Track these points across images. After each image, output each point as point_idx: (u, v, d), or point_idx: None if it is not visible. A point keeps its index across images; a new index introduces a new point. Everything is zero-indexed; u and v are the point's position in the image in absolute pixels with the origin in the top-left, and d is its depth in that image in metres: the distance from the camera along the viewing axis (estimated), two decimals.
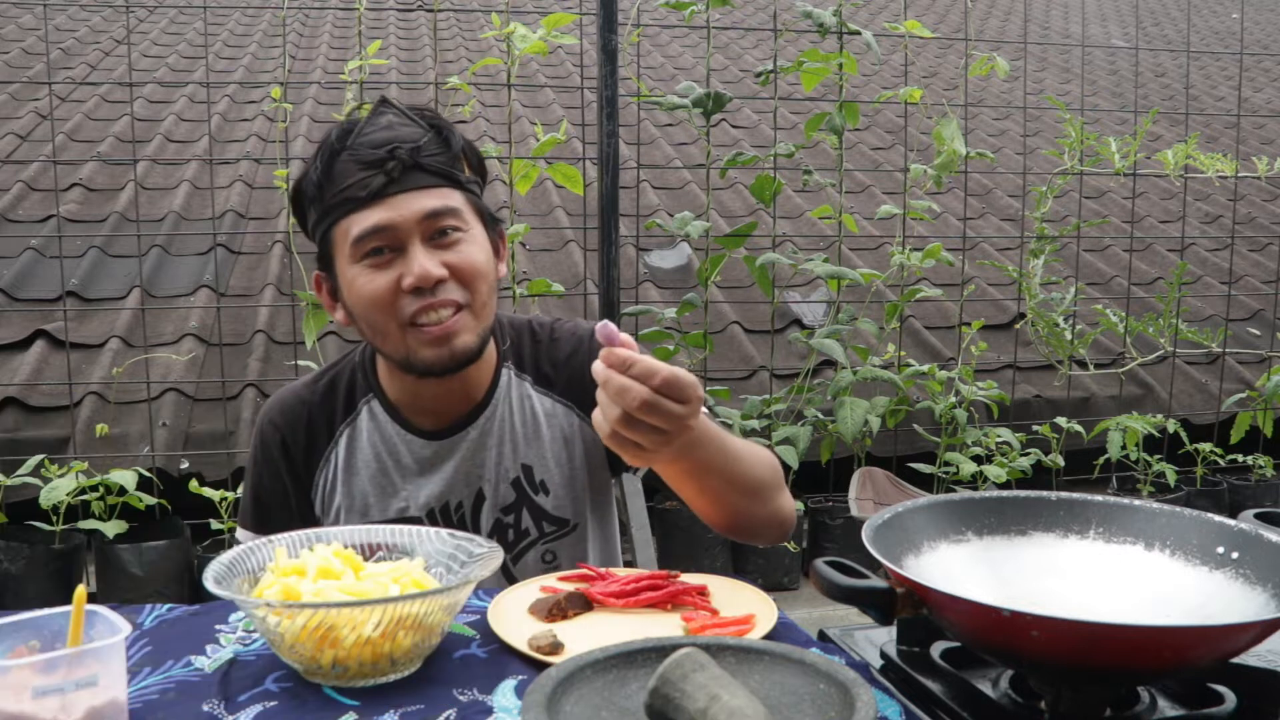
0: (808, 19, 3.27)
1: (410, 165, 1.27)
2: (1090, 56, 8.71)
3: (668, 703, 0.82)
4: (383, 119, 1.30)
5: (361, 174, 1.27)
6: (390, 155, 1.26)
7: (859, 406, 3.21)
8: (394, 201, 1.27)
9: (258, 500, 1.43)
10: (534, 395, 1.44)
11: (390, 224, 1.27)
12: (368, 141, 1.28)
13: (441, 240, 1.29)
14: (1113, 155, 3.74)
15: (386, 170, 1.26)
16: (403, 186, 1.27)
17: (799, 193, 5.09)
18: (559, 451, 1.43)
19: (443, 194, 1.30)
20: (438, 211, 1.28)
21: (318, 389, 1.44)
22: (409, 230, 1.27)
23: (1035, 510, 1.12)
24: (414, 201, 1.27)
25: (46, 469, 2.88)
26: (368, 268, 1.28)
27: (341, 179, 1.28)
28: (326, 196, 1.29)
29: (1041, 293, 3.57)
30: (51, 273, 3.79)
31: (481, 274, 1.31)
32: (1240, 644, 0.88)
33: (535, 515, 1.42)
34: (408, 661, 1.01)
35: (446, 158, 1.31)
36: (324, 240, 1.33)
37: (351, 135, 1.29)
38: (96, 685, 0.87)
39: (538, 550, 1.43)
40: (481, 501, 1.41)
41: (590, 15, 3.13)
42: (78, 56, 6.49)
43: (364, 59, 3.00)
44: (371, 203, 1.27)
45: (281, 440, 1.42)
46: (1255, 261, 5.22)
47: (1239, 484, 3.79)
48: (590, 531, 1.46)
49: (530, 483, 1.42)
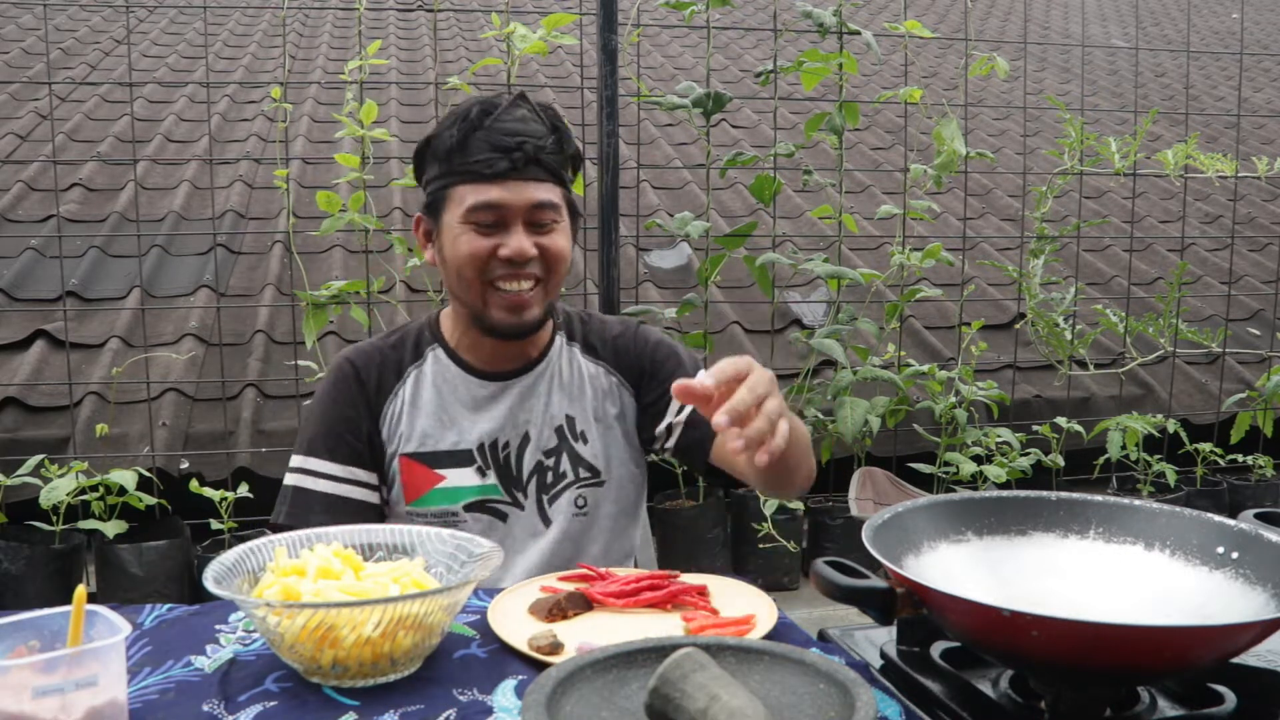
0: (808, 19, 3.27)
1: (531, 158, 1.47)
2: (1090, 56, 8.71)
3: (668, 703, 0.82)
4: (518, 111, 1.49)
5: (491, 154, 1.46)
6: (519, 146, 1.46)
7: (859, 406, 3.20)
8: (511, 185, 1.46)
9: (330, 430, 1.55)
10: (581, 359, 1.63)
11: (504, 204, 1.46)
12: (503, 128, 1.46)
13: (539, 226, 1.49)
14: (1113, 155, 3.74)
15: (512, 158, 1.46)
16: (521, 175, 1.47)
17: (799, 193, 5.09)
18: (598, 408, 1.60)
19: (550, 189, 1.50)
20: (543, 204, 1.48)
21: (389, 341, 1.63)
22: (516, 213, 1.47)
23: (1035, 510, 1.12)
24: (527, 190, 1.47)
25: (46, 469, 2.88)
26: (473, 231, 1.47)
27: (473, 152, 1.47)
28: (454, 161, 1.48)
29: (1041, 293, 3.56)
30: (51, 273, 3.79)
31: (563, 260, 1.53)
32: (1240, 644, 0.88)
33: (573, 460, 1.58)
34: (408, 661, 1.01)
35: (560, 159, 1.52)
36: (438, 194, 1.51)
37: (490, 117, 1.47)
38: (96, 685, 0.87)
39: (571, 494, 1.58)
40: (527, 443, 1.57)
41: (590, 15, 3.13)
42: (78, 56, 6.48)
43: (364, 59, 3.00)
44: (492, 180, 1.46)
45: (356, 374, 1.58)
46: (1255, 261, 5.22)
47: (1239, 484, 3.79)
48: (617, 490, 1.60)
49: (572, 431, 1.59)
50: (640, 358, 1.62)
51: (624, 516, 1.61)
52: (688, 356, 1.63)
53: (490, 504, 1.55)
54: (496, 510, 1.55)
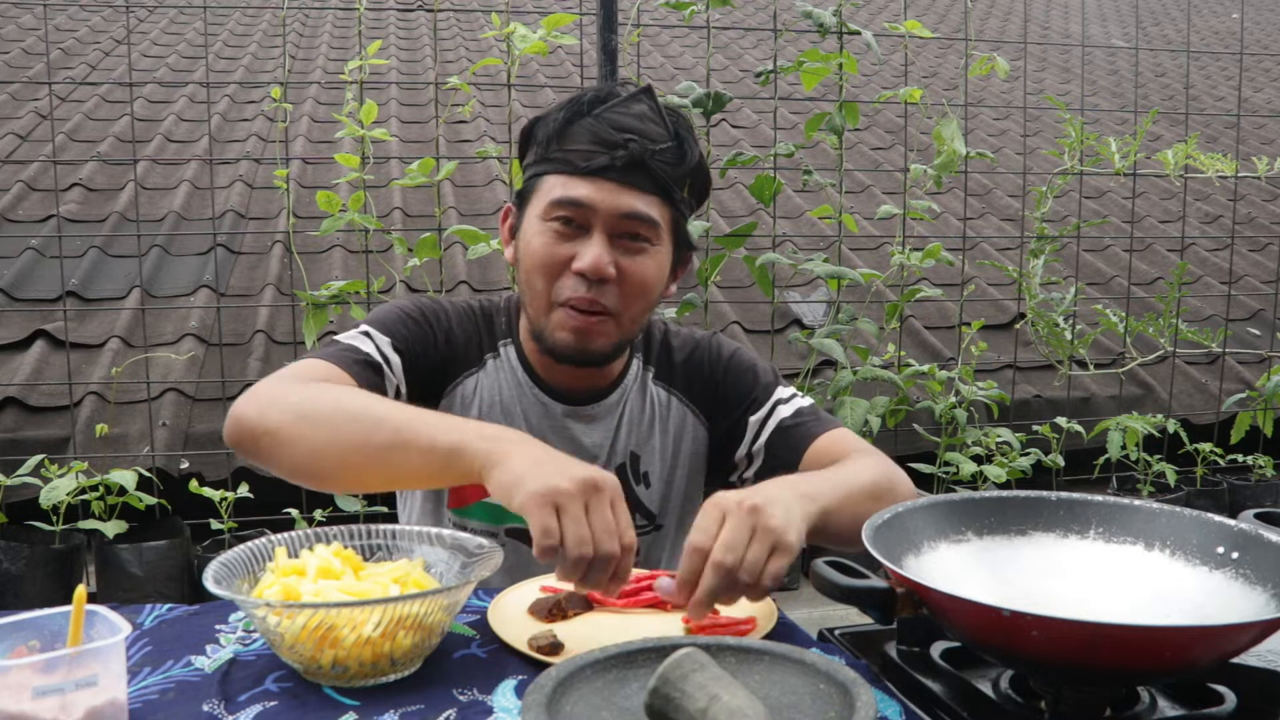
0: (808, 19, 3.27)
1: (636, 161, 1.28)
2: (1090, 56, 8.71)
3: (668, 703, 0.82)
4: (638, 105, 1.31)
5: (591, 146, 1.28)
6: (624, 144, 1.27)
7: (859, 406, 3.20)
8: (604, 186, 1.28)
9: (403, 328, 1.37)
10: (653, 388, 1.47)
11: (590, 204, 1.28)
12: (612, 120, 1.29)
13: (627, 242, 1.31)
14: (1113, 155, 3.74)
15: (614, 155, 1.27)
16: (620, 177, 1.28)
17: (799, 193, 5.09)
18: (666, 446, 1.45)
19: (651, 202, 1.31)
20: (637, 215, 1.30)
21: (478, 313, 1.45)
22: (603, 218, 1.29)
23: (1035, 510, 1.12)
24: (622, 196, 1.29)
25: (46, 469, 2.88)
26: (552, 230, 1.30)
27: (572, 140, 1.29)
28: (551, 148, 1.31)
29: (1041, 293, 3.56)
30: (51, 273, 3.79)
31: (645, 292, 1.33)
32: (1240, 644, 0.88)
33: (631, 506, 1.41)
34: (408, 661, 1.01)
35: (674, 171, 1.32)
36: (530, 181, 1.35)
37: (602, 105, 1.30)
38: (96, 685, 0.87)
39: None
40: None
41: (590, 15, 3.13)
42: (78, 56, 6.48)
43: (364, 59, 3.00)
44: (585, 176, 1.28)
45: (449, 327, 1.41)
46: (1255, 261, 5.22)
47: (1239, 484, 3.79)
48: (670, 537, 1.47)
49: (635, 471, 1.44)
50: (711, 382, 1.46)
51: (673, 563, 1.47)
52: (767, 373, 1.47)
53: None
54: None
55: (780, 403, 1.45)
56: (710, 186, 1.41)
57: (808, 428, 1.42)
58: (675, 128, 1.32)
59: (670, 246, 1.36)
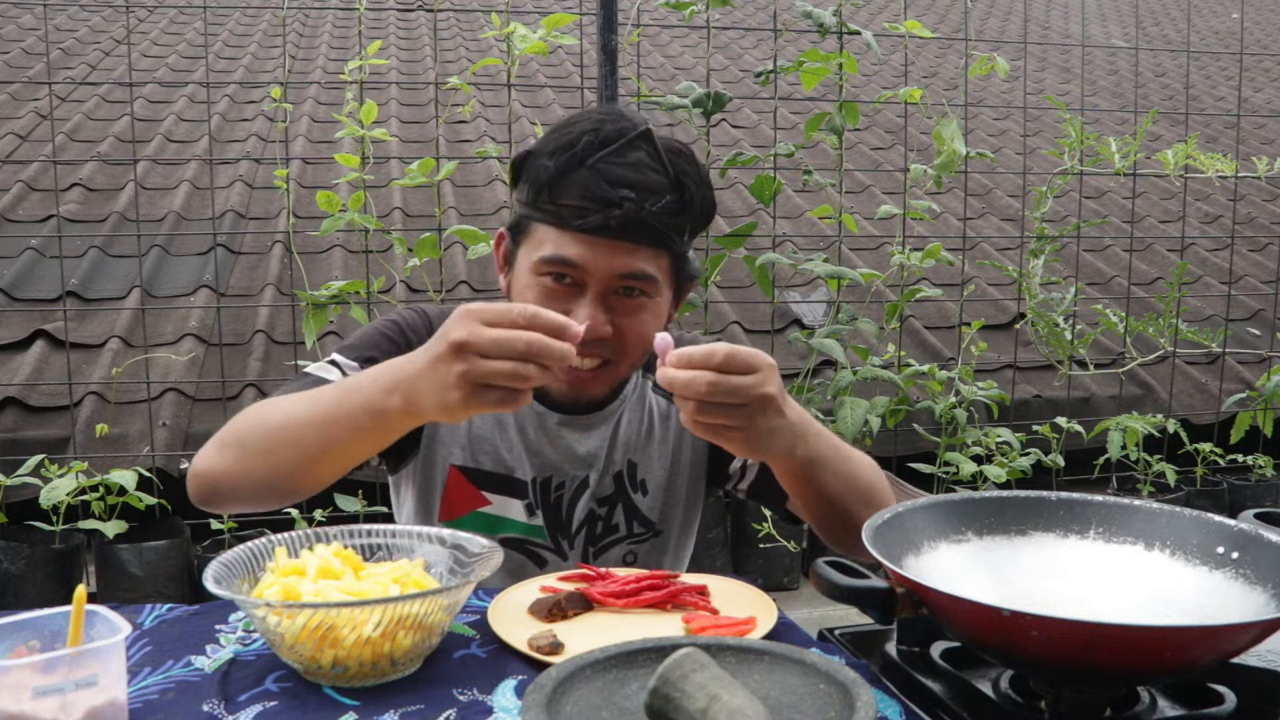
0: (808, 19, 3.27)
1: (633, 219, 1.22)
2: (1090, 56, 8.71)
3: (668, 703, 0.82)
4: (635, 153, 1.24)
5: (584, 202, 1.22)
6: (620, 202, 1.21)
7: (859, 406, 3.20)
8: (599, 246, 1.23)
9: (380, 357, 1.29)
10: (653, 396, 1.46)
11: (583, 266, 1.24)
12: (608, 174, 1.22)
13: (625, 297, 1.27)
14: (1113, 155, 3.74)
15: (609, 215, 1.21)
16: (616, 236, 1.23)
17: (799, 193, 5.09)
18: (664, 455, 1.45)
19: (649, 257, 1.26)
20: (635, 275, 1.26)
21: None
22: (598, 280, 1.25)
23: (1035, 510, 1.12)
24: (617, 256, 1.24)
25: (46, 469, 2.88)
26: (544, 284, 1.26)
27: (564, 193, 1.24)
28: (541, 198, 1.26)
29: (1041, 293, 3.56)
30: (51, 273, 3.79)
31: (643, 343, 1.30)
32: (1240, 644, 0.88)
33: (629, 513, 1.44)
34: (408, 661, 1.01)
35: (674, 222, 1.26)
36: (521, 220, 1.31)
37: (598, 153, 1.23)
38: (96, 685, 0.87)
39: (621, 548, 1.45)
40: (584, 489, 1.42)
41: (590, 15, 3.13)
42: (78, 56, 6.48)
43: (364, 59, 3.00)
44: (578, 234, 1.23)
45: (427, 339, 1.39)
46: (1255, 261, 5.22)
47: (1239, 484, 3.79)
48: (672, 542, 1.48)
49: (632, 480, 1.43)
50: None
51: (675, 567, 1.49)
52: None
53: (531, 546, 1.41)
54: (535, 554, 1.42)
55: None
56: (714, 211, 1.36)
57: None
58: (676, 174, 1.26)
59: (670, 290, 1.33)
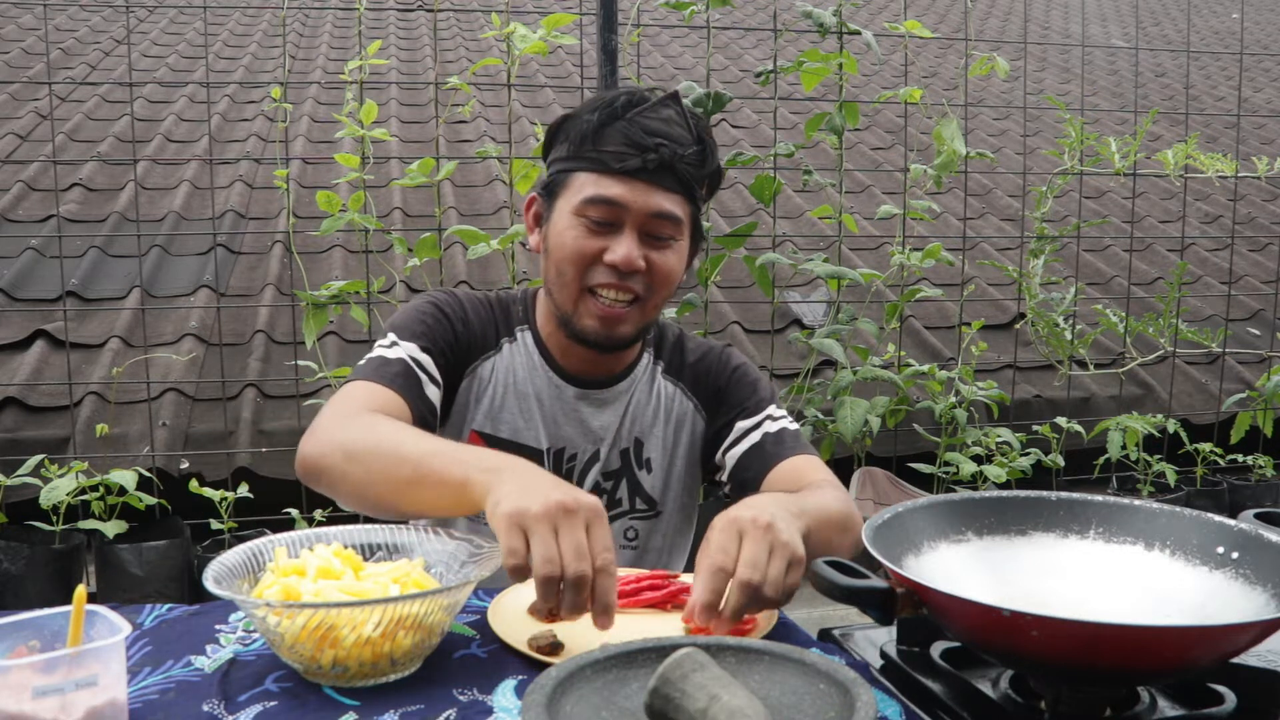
0: (808, 19, 3.27)
1: (666, 163, 1.36)
2: (1090, 56, 8.71)
3: (668, 703, 0.82)
4: (666, 110, 1.39)
5: (624, 148, 1.36)
6: (656, 148, 1.36)
7: (859, 406, 3.20)
8: (636, 186, 1.37)
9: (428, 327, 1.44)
10: (661, 380, 1.55)
11: (624, 203, 1.37)
12: (644, 124, 1.37)
13: (654, 239, 1.40)
14: (1113, 155, 3.74)
15: (646, 158, 1.36)
16: (650, 178, 1.37)
17: (799, 193, 5.09)
18: (668, 435, 1.53)
19: (677, 201, 1.40)
20: (665, 214, 1.38)
21: (489, 301, 1.54)
22: (635, 217, 1.37)
23: (1035, 510, 1.12)
24: (652, 196, 1.37)
25: (46, 469, 2.88)
26: (584, 225, 1.38)
27: (606, 141, 1.37)
28: (585, 147, 1.38)
29: (1041, 293, 3.56)
30: (51, 273, 3.79)
31: (670, 281, 1.43)
32: (1240, 644, 0.88)
33: (632, 488, 1.51)
34: (408, 661, 1.01)
35: (697, 173, 1.41)
36: (559, 176, 1.42)
37: (634, 110, 1.37)
38: (96, 685, 0.87)
39: (623, 523, 1.51)
40: (594, 461, 1.50)
41: (590, 15, 3.13)
42: (78, 56, 6.48)
43: (364, 59, 3.00)
44: (618, 176, 1.36)
45: (464, 314, 1.49)
46: (1255, 261, 5.22)
47: (1239, 484, 3.79)
48: (671, 523, 1.55)
49: (638, 456, 1.52)
50: (717, 381, 1.54)
51: (674, 550, 1.56)
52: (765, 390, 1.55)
53: None
54: None
55: (770, 418, 1.52)
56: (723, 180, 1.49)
57: (786, 447, 1.49)
58: (699, 132, 1.41)
59: (689, 240, 1.45)
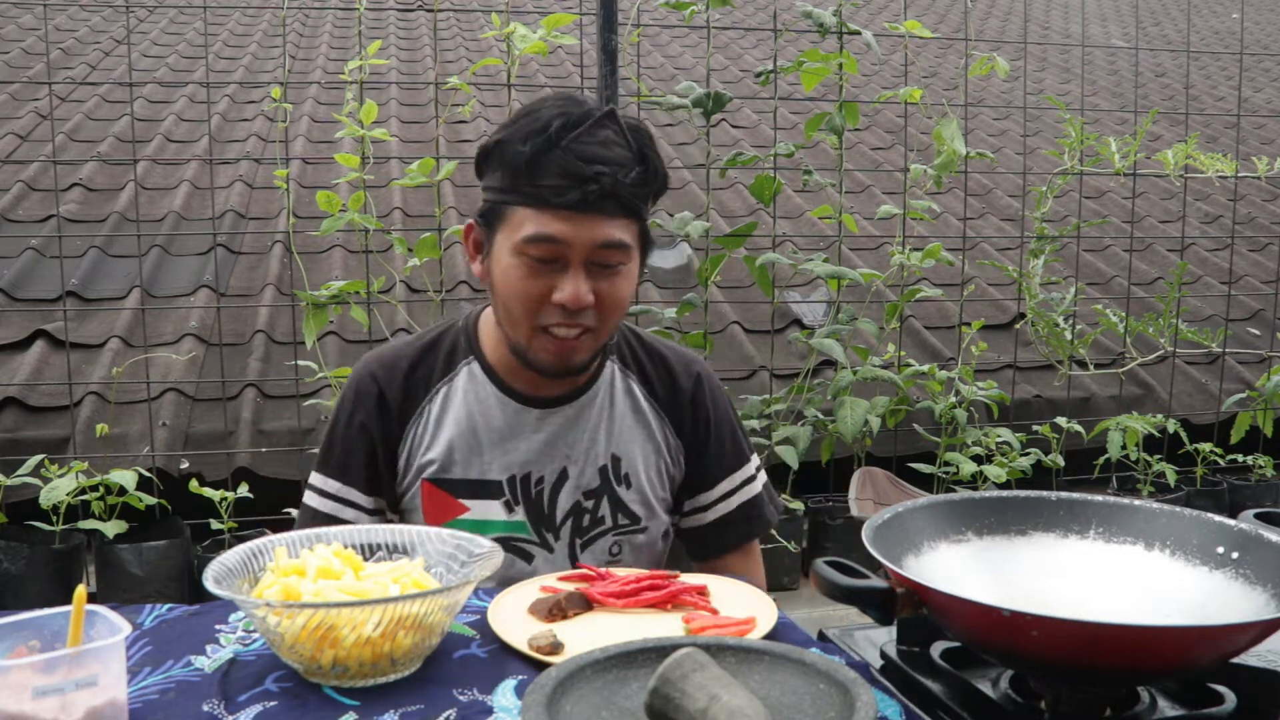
0: (808, 19, 3.27)
1: (608, 192, 1.29)
2: (1090, 56, 8.70)
3: (668, 703, 0.82)
4: (603, 131, 1.31)
5: (562, 180, 1.28)
6: (595, 177, 1.28)
7: (859, 406, 3.20)
8: (578, 220, 1.29)
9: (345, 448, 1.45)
10: (638, 391, 1.50)
11: (567, 240, 1.30)
12: (581, 151, 1.29)
13: (602, 268, 1.33)
14: (1113, 155, 3.74)
15: (586, 190, 1.28)
16: (592, 210, 1.30)
17: (799, 193, 5.08)
18: (647, 452, 1.49)
19: (623, 226, 1.33)
20: (613, 244, 1.32)
21: (418, 346, 1.48)
22: (579, 251, 1.31)
23: (1035, 510, 1.12)
24: (596, 227, 1.30)
25: (46, 469, 2.88)
26: (526, 264, 1.32)
27: (542, 174, 1.29)
28: (520, 180, 1.31)
29: (1041, 293, 3.56)
30: (51, 273, 3.79)
31: (621, 307, 1.38)
32: (1240, 644, 0.88)
33: (614, 505, 1.47)
34: (408, 661, 1.01)
35: (642, 192, 1.34)
36: (497, 206, 1.35)
37: (569, 134, 1.29)
38: (96, 685, 0.87)
39: (608, 540, 1.48)
40: (564, 480, 1.45)
41: (590, 15, 3.13)
42: (78, 56, 6.48)
43: (364, 59, 3.00)
44: (558, 210, 1.29)
45: (379, 392, 1.45)
46: (1255, 261, 5.22)
47: (1239, 484, 3.79)
48: (650, 538, 1.51)
49: (616, 473, 1.46)
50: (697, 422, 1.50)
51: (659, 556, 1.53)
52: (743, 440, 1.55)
53: (515, 542, 1.43)
54: (522, 550, 1.44)
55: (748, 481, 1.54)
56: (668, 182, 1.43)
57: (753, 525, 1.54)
58: (639, 148, 1.33)
59: (638, 256, 1.40)
